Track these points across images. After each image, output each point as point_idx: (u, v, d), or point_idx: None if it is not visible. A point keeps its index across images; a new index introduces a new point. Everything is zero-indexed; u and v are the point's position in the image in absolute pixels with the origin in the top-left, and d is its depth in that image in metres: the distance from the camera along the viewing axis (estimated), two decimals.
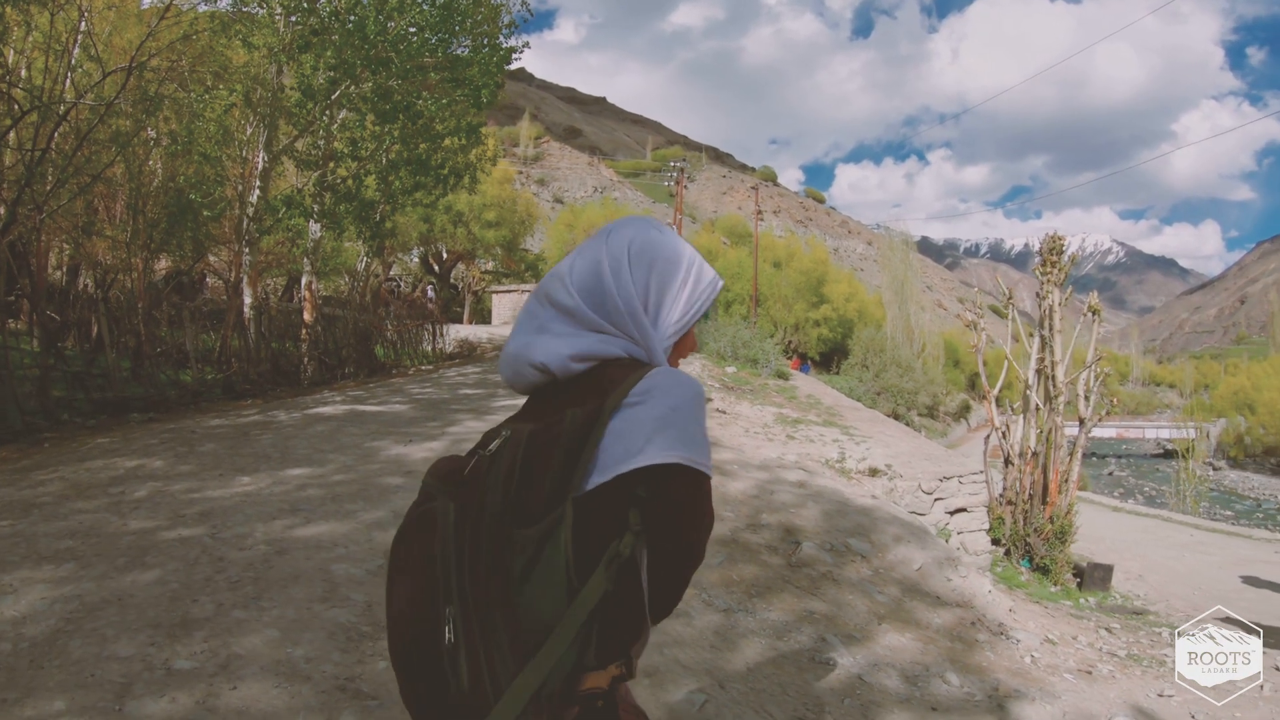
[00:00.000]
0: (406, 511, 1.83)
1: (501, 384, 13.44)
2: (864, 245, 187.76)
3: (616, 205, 79.02)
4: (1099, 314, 14.31)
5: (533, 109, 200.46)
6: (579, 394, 1.80)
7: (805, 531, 8.03)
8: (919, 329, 68.25)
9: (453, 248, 49.53)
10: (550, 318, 1.92)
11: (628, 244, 1.94)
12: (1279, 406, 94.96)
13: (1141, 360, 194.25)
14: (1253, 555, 17.50)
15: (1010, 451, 13.61)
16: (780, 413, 14.67)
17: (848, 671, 5.61)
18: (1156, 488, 55.58)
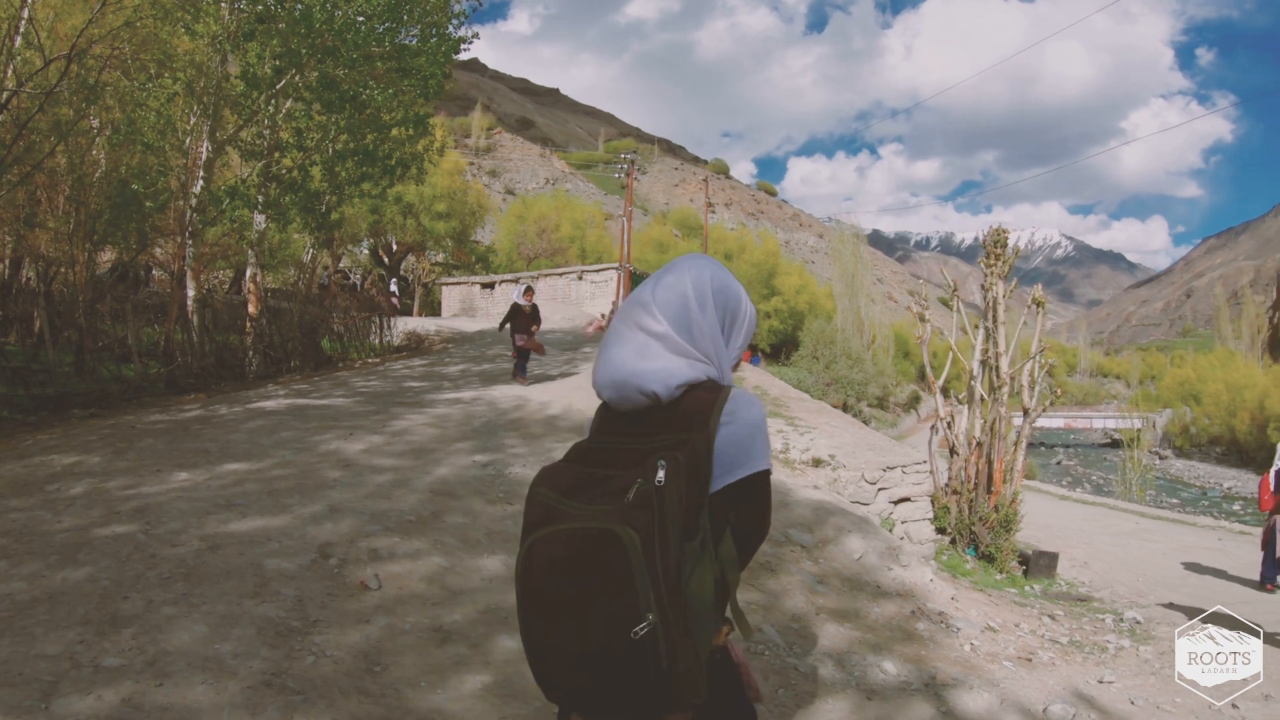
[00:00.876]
0: (548, 526, 2.05)
1: (445, 377, 13.27)
2: (815, 238, 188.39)
3: (568, 197, 78.56)
4: (1044, 306, 14.40)
5: (485, 100, 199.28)
6: (678, 415, 2.17)
7: None
8: (869, 321, 68.58)
9: (402, 239, 49.10)
10: (644, 343, 2.22)
11: (709, 281, 2.30)
12: (1223, 398, 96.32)
13: (1089, 352, 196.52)
14: (1196, 542, 17.69)
15: (955, 441, 13.70)
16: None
17: (782, 660, 5.63)
18: (1104, 476, 56.30)
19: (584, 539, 1.99)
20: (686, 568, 2.04)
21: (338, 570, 5.59)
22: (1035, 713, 5.85)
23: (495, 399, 13.17)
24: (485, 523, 6.95)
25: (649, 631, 1.93)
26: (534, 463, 8.78)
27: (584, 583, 1.99)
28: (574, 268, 45.76)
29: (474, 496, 7.56)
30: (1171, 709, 6.54)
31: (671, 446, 2.09)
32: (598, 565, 1.97)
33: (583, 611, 1.98)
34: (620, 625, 1.93)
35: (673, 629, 1.94)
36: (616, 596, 1.95)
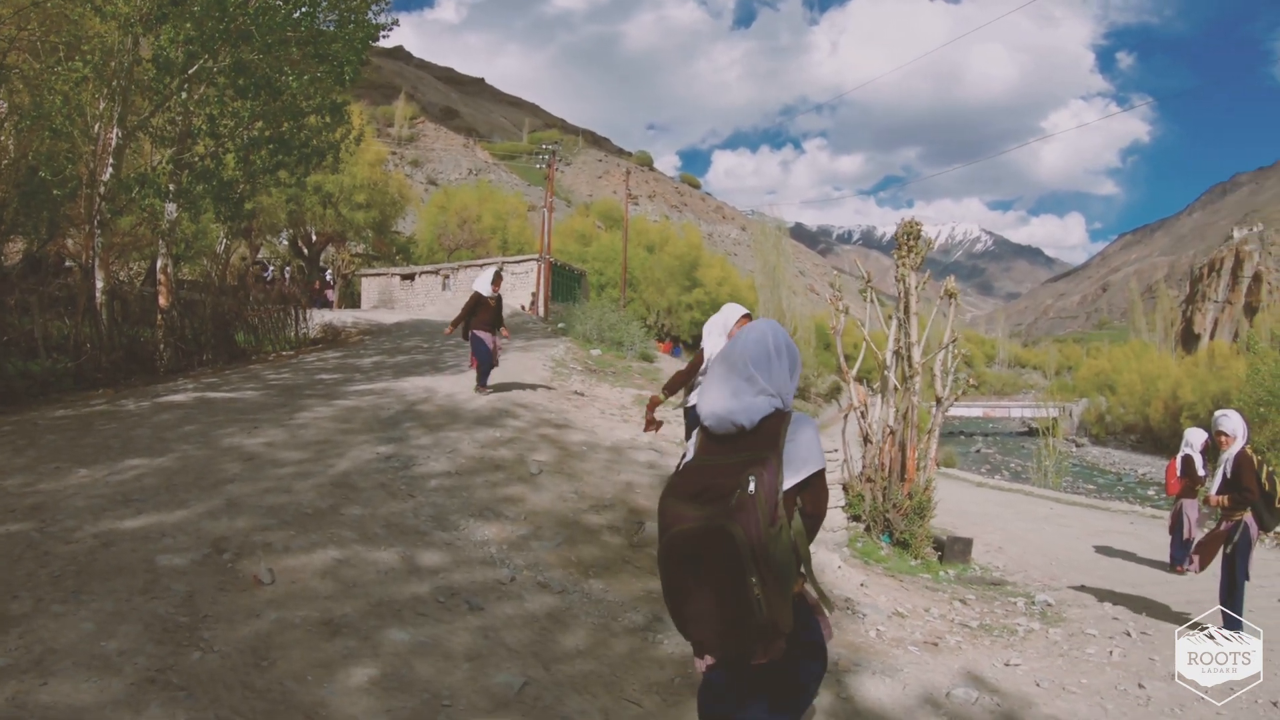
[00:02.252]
0: (680, 526, 3.19)
1: (358, 369, 13.08)
2: (738, 231, 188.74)
3: (491, 188, 77.82)
4: (956, 298, 14.54)
5: (409, 88, 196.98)
6: (763, 436, 3.28)
7: (650, 512, 8.03)
8: (791, 313, 68.93)
9: (322, 230, 48.18)
10: (739, 385, 3.38)
11: (782, 339, 3.55)
12: (1138, 387, 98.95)
13: (1007, 343, 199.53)
14: (1109, 526, 17.98)
15: (869, 430, 13.80)
16: (640, 394, 14.72)
17: (680, 650, 5.61)
18: (1021, 464, 57.21)
19: (705, 533, 3.12)
20: (771, 545, 3.08)
21: (231, 565, 5.52)
22: (938, 697, 5.89)
23: (405, 391, 13.04)
24: (384, 515, 6.90)
25: (753, 589, 3.04)
26: (436, 454, 8.71)
27: (706, 562, 3.13)
28: (494, 259, 45.49)
29: (375, 489, 7.50)
30: (1077, 690, 6.62)
31: (756, 462, 3.18)
32: (716, 550, 3.09)
33: (708, 581, 3.14)
34: (733, 588, 3.06)
35: (768, 586, 3.06)
36: (730, 569, 3.06)
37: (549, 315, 34.74)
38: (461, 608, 5.53)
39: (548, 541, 6.97)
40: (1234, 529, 8.62)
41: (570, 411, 12.25)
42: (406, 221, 65.23)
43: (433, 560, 6.22)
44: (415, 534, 6.64)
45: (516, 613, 5.65)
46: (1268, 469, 8.59)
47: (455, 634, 5.13)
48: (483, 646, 5.03)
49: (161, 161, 16.56)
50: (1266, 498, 8.46)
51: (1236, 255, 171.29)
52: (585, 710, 4.62)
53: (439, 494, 7.63)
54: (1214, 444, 9.53)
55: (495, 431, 9.90)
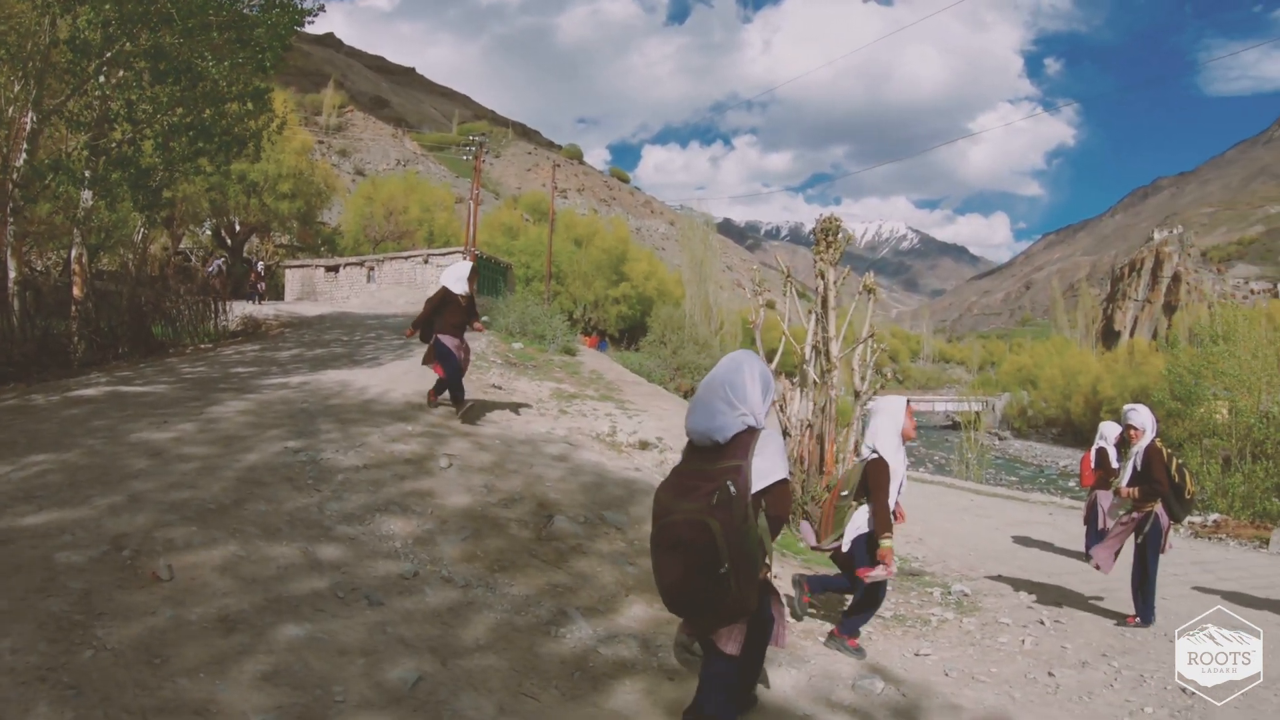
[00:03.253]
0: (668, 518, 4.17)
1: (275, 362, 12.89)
2: (666, 225, 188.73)
3: (418, 179, 77.10)
4: (875, 293, 14.67)
5: (339, 76, 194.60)
6: (736, 449, 4.18)
7: (560, 505, 8.06)
8: (717, 307, 69.25)
9: (246, 219, 47.33)
10: (717, 407, 4.30)
11: (757, 368, 4.45)
12: (1059, 382, 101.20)
13: (932, 339, 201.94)
14: (1028, 517, 18.23)
15: (788, 424, 13.87)
16: (558, 388, 14.58)
17: (583, 644, 5.65)
18: (945, 456, 57.88)
19: (688, 524, 4.05)
20: (742, 538, 4.02)
21: (130, 562, 5.42)
22: (843, 687, 5.96)
23: (320, 384, 12.82)
24: (289, 510, 6.82)
25: (725, 573, 3.96)
26: (346, 448, 8.62)
27: (688, 547, 4.03)
28: (420, 251, 45.03)
29: (281, 484, 7.40)
30: (986, 679, 6.70)
31: (733, 470, 4.11)
32: (697, 538, 4.01)
33: (689, 563, 4.03)
34: (710, 570, 3.97)
35: (739, 571, 3.98)
36: (707, 555, 3.97)
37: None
38: (360, 603, 5.49)
39: (453, 536, 6.93)
40: (1144, 520, 8.79)
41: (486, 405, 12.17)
42: (332, 212, 64.51)
43: (334, 555, 6.17)
44: (319, 529, 6.58)
45: (417, 607, 5.62)
46: (1177, 461, 8.76)
47: (352, 629, 5.10)
48: (379, 642, 5.01)
49: (77, 147, 16.17)
50: (1176, 489, 8.63)
51: (1157, 256, 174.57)
52: (479, 705, 4.60)
53: (346, 488, 7.55)
54: (1124, 437, 9.70)
55: (407, 425, 9.82)
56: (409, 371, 14.13)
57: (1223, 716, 6.25)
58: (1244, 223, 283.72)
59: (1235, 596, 10.48)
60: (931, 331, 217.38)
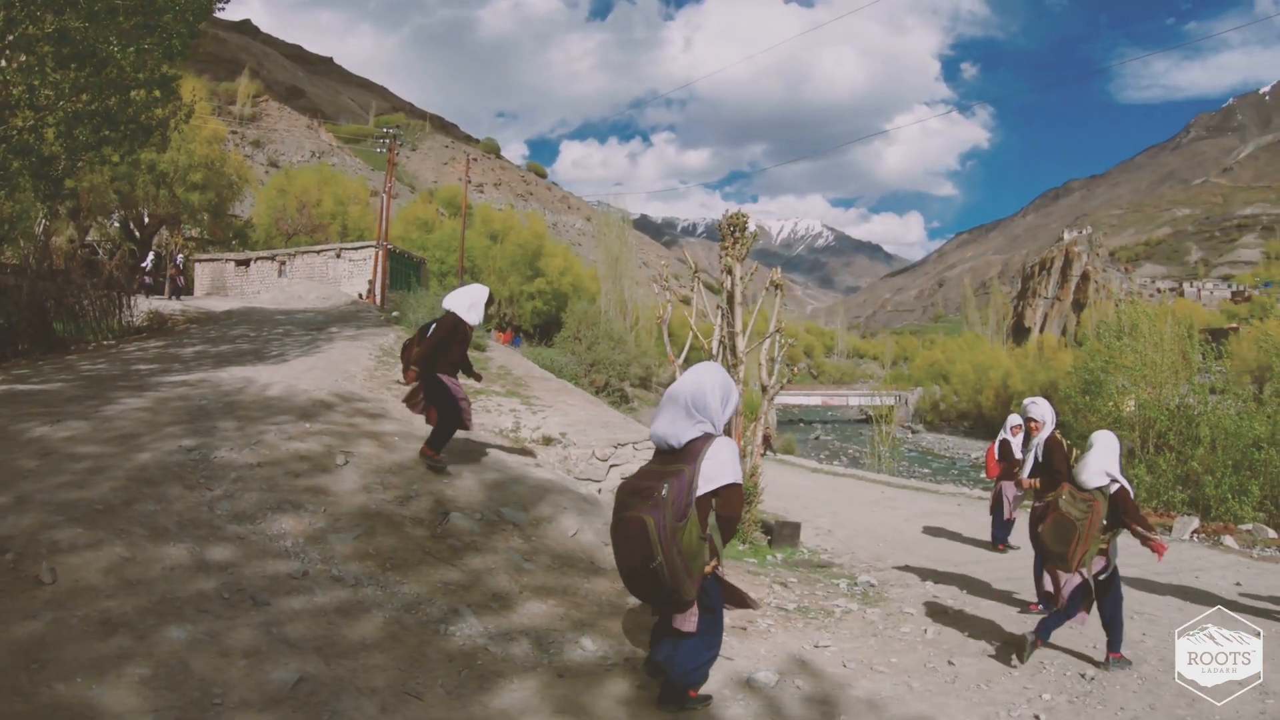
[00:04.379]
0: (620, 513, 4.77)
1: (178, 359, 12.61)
2: (583, 221, 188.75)
3: (332, 171, 76.03)
4: (781, 288, 14.73)
5: (254, 64, 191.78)
6: (688, 453, 4.78)
7: (458, 502, 8.01)
8: (633, 303, 69.33)
9: (155, 211, 46.30)
10: (677, 414, 4.88)
11: (719, 380, 5.01)
12: (970, 377, 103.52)
13: (846, 335, 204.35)
14: (937, 508, 18.48)
15: None
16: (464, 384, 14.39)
17: (473, 642, 5.63)
18: (859, 450, 58.65)
19: (633, 520, 4.63)
20: (679, 534, 4.59)
21: (13, 565, 5.32)
22: (738, 681, 6.00)
23: (222, 381, 12.41)
24: (179, 510, 6.68)
25: (658, 565, 4.55)
26: (242, 446, 8.45)
27: (634, 540, 4.63)
28: (332, 245, 44.52)
29: (173, 482, 7.23)
30: (885, 669, 6.75)
31: (673, 474, 4.71)
32: (637, 533, 4.60)
33: (634, 555, 4.64)
34: (648, 560, 4.56)
35: (673, 563, 4.56)
36: (645, 548, 4.57)
37: (385, 304, 34.17)
38: (246, 603, 5.41)
39: (346, 534, 6.84)
40: (1045, 510, 8.88)
41: (389, 401, 11.93)
42: (244, 204, 63.33)
43: (223, 555, 6.06)
44: (209, 528, 6.45)
45: (304, 607, 5.55)
46: (1076, 452, 8.87)
47: (236, 630, 5.02)
48: (263, 642, 4.94)
49: None
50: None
51: (1066, 255, 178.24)
52: (360, 705, 4.57)
53: (239, 487, 7.39)
54: (1026, 430, 9.84)
55: (306, 423, 9.60)
56: (313, 368, 13.86)
57: (1119, 700, 6.34)
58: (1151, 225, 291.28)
59: (1138, 583, 10.76)
60: (846, 327, 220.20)
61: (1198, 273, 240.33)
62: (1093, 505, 7.24)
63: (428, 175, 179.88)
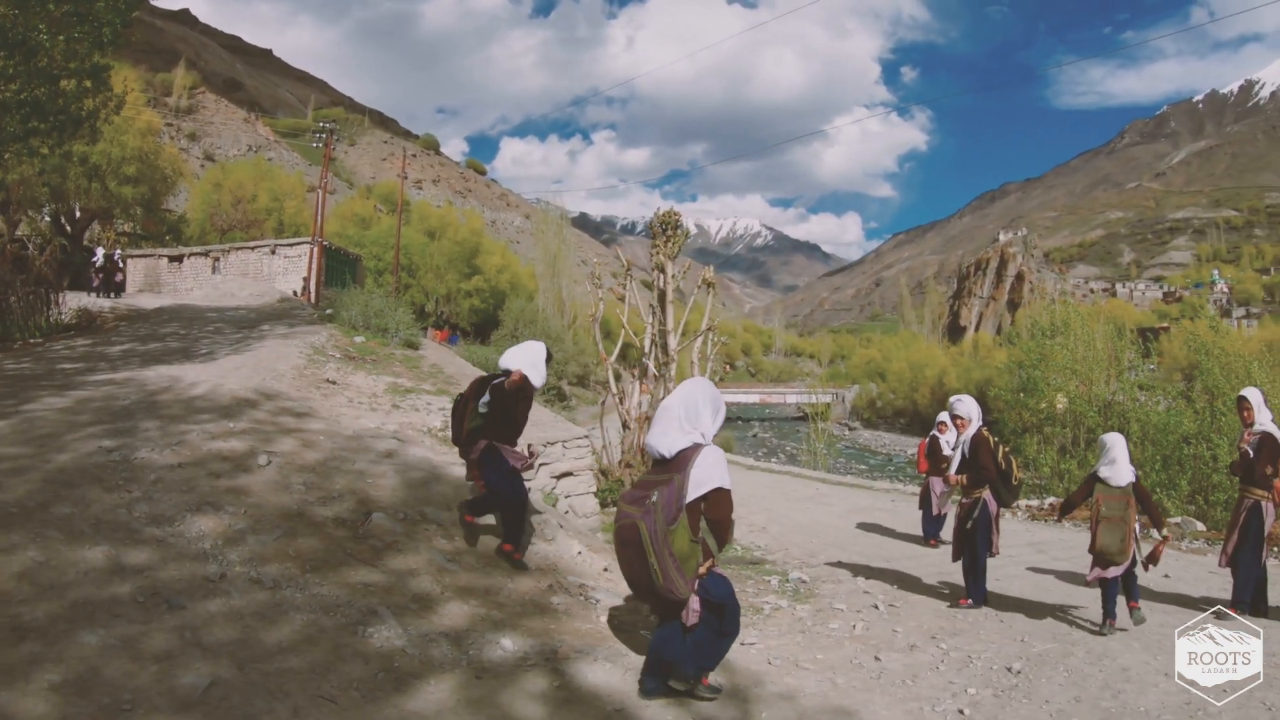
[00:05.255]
0: (618, 520, 5.43)
1: (105, 358, 12.31)
2: (522, 219, 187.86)
3: (269, 165, 75.19)
4: (713, 286, 14.77)
5: (192, 55, 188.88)
6: (678, 462, 5.32)
7: (382, 502, 7.91)
8: (571, 301, 69.38)
9: (87, 205, 45.31)
10: (669, 426, 5.47)
11: (707, 392, 5.66)
12: (906, 375, 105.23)
13: (784, 333, 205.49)
14: (871, 505, 18.59)
15: (626, 416, 13.86)
16: (395, 382, 14.17)
17: (391, 644, 5.59)
18: (796, 447, 58.95)
19: (630, 525, 5.21)
20: (670, 537, 5.09)
21: None
22: None
23: (147, 380, 12.13)
24: (97, 512, 6.56)
25: (651, 565, 5.10)
26: (163, 446, 8.29)
27: (630, 545, 5.22)
28: (267, 241, 43.86)
29: (91, 484, 7.10)
30: (811, 665, 6.79)
31: (664, 482, 5.22)
32: (633, 538, 5.19)
33: (631, 555, 5.25)
34: (643, 562, 5.14)
35: (665, 564, 5.07)
36: (640, 551, 5.14)
37: (320, 301, 33.78)
38: (161, 607, 5.33)
39: (266, 535, 6.74)
40: (973, 506, 8.98)
41: (316, 400, 11.76)
42: (178, 199, 62.27)
43: (140, 558, 5.96)
44: (126, 531, 6.35)
45: (221, 610, 5.48)
46: (1004, 449, 9.01)
47: (150, 635, 4.95)
48: (177, 647, 4.88)
49: None
50: (1003, 476, 8.89)
51: (1001, 256, 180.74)
52: (273, 709, 4.52)
53: (159, 488, 7.27)
54: (953, 427, 9.94)
55: (230, 422, 9.43)
56: (241, 366, 13.64)
57: (1044, 693, 6.38)
58: (1085, 227, 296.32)
59: (1067, 575, 10.92)
60: (784, 326, 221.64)
61: (1130, 274, 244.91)
62: (1129, 502, 8.37)
63: (366, 171, 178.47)
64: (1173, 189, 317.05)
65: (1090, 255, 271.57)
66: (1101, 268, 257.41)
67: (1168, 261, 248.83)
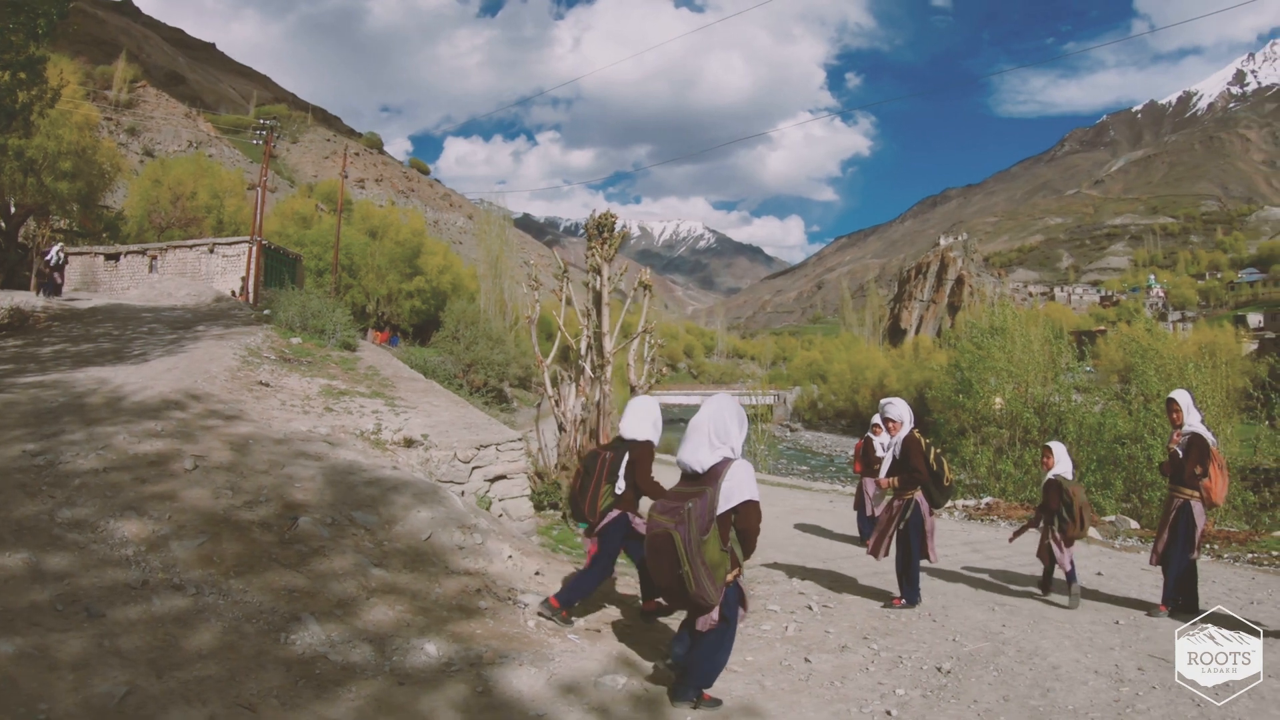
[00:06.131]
0: (652, 530, 5.64)
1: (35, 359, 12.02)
2: (465, 219, 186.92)
3: (209, 162, 73.86)
4: (650, 288, 14.79)
5: (134, 47, 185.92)
6: (710, 476, 5.66)
7: (309, 506, 7.80)
8: (513, 302, 69.21)
9: (22, 200, 44.39)
10: (700, 442, 5.76)
11: (735, 409, 5.95)
12: (848, 376, 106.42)
13: (726, 335, 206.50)
14: (809, 505, 18.71)
15: (562, 419, 13.84)
16: (330, 384, 13.95)
17: (314, 650, 5.57)
18: None
19: (664, 534, 5.50)
20: (702, 547, 5.40)
21: None
22: (584, 685, 6.01)
23: (76, 382, 11.88)
24: (18, 517, 6.46)
25: (684, 573, 5.41)
26: (88, 450, 8.15)
27: (662, 553, 5.52)
28: (205, 240, 43.20)
29: (13, 490, 6.97)
30: (740, 668, 6.81)
31: (697, 495, 5.53)
32: (666, 546, 5.48)
33: (664, 564, 5.53)
34: (675, 570, 5.44)
35: (697, 571, 5.39)
36: (673, 559, 5.44)
37: (259, 302, 33.33)
38: (80, 615, 5.26)
39: (190, 540, 6.63)
40: (905, 507, 9.06)
41: (248, 403, 11.56)
42: (117, 195, 61.20)
43: (61, 564, 5.87)
44: (48, 537, 6.25)
45: (140, 617, 5.41)
46: (935, 451, 9.07)
47: (67, 642, 4.89)
48: (94, 654, 4.82)
49: None
50: (935, 477, 8.97)
51: (942, 260, 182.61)
52: (190, 717, 4.49)
53: (82, 493, 7.13)
54: (885, 429, 10.02)
55: (158, 425, 9.26)
56: (173, 368, 13.37)
57: (973, 692, 6.42)
58: (1025, 232, 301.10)
59: (1000, 574, 11.03)
60: (726, 328, 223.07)
61: (1068, 278, 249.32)
62: None
63: (308, 169, 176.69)
64: (1111, 196, 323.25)
65: (1029, 260, 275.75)
66: (1040, 272, 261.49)
67: (1105, 266, 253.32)
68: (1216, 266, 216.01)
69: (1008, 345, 26.43)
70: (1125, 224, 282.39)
